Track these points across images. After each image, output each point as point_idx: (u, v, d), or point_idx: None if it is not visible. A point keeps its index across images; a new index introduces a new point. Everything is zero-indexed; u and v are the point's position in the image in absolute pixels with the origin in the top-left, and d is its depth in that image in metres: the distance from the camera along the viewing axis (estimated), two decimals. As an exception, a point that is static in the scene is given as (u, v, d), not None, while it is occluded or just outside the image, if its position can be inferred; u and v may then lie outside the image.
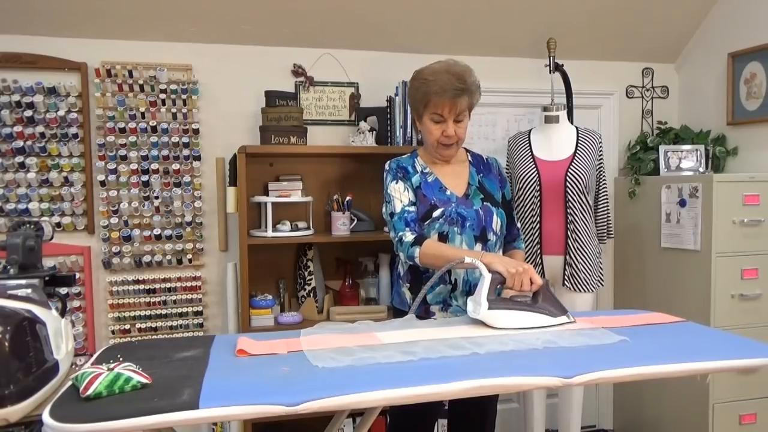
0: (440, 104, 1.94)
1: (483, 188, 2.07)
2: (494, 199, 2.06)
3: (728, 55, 3.26)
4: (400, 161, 2.09)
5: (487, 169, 2.13)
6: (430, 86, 1.94)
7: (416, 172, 2.05)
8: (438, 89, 1.92)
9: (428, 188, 2.02)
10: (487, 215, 2.01)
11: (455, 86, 1.92)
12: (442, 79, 1.93)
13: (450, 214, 1.97)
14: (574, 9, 3.17)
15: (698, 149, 3.25)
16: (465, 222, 1.97)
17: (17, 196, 2.77)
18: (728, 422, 2.92)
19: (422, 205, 2.00)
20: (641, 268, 3.33)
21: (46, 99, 2.76)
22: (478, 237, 1.99)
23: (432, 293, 1.98)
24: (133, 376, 1.19)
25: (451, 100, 1.93)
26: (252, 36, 2.99)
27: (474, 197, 2.03)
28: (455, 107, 1.94)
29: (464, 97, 1.94)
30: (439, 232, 1.97)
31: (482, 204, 2.02)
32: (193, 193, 2.95)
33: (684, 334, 1.63)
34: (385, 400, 1.19)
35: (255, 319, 2.76)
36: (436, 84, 1.93)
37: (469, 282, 1.97)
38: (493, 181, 2.12)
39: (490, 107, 3.38)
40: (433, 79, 1.94)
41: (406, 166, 2.07)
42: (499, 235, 2.04)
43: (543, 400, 2.99)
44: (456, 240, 1.97)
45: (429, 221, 1.97)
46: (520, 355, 1.41)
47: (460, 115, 1.97)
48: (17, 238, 1.65)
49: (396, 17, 3.04)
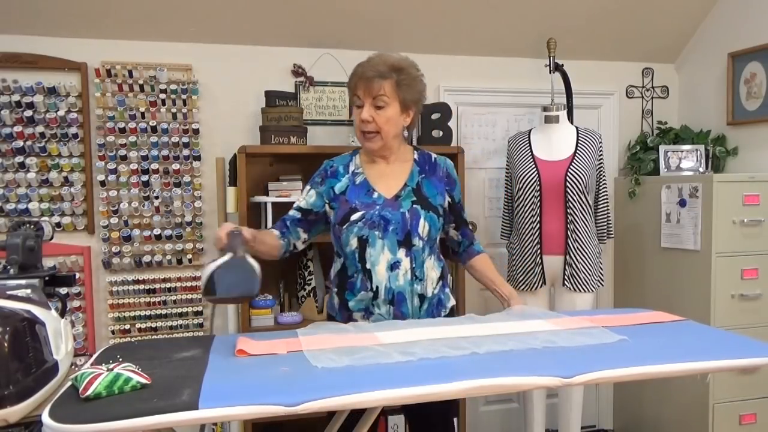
0: (357, 86, 1.87)
1: (419, 190, 1.93)
2: (428, 202, 1.92)
3: (728, 55, 3.26)
4: (334, 161, 2.00)
5: (432, 170, 1.99)
6: (355, 70, 1.89)
7: (347, 173, 1.96)
8: (360, 71, 1.87)
9: (353, 191, 1.92)
10: (414, 218, 1.87)
11: (376, 69, 1.84)
12: (369, 63, 1.88)
13: (371, 218, 1.85)
14: (574, 9, 3.17)
15: (698, 149, 3.25)
16: (388, 225, 1.84)
17: (17, 196, 2.77)
18: (728, 422, 2.92)
19: (342, 209, 1.89)
20: (641, 268, 3.33)
21: (46, 99, 2.76)
22: (402, 242, 1.85)
23: (354, 300, 1.88)
24: (132, 376, 1.19)
25: (368, 82, 1.84)
26: (252, 36, 2.99)
27: (405, 199, 1.90)
28: (371, 88, 1.84)
29: (386, 81, 1.84)
30: (359, 236, 1.85)
31: (411, 206, 1.88)
32: (193, 193, 2.95)
33: (684, 334, 1.63)
34: (385, 400, 1.19)
35: (255, 319, 2.76)
36: (360, 67, 1.88)
37: (392, 290, 1.84)
38: (435, 184, 1.97)
39: (490, 107, 3.38)
40: (362, 64, 1.89)
41: (338, 167, 1.98)
42: (426, 239, 1.88)
43: (543, 400, 2.99)
44: (377, 245, 1.84)
45: (347, 225, 1.86)
46: (520, 355, 1.40)
47: (379, 100, 1.85)
48: (17, 238, 1.65)
49: (396, 17, 3.04)
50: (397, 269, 1.84)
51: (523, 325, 1.68)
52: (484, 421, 3.44)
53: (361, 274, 1.85)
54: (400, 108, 1.89)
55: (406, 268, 1.85)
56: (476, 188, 3.37)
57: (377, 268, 1.84)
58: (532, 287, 2.89)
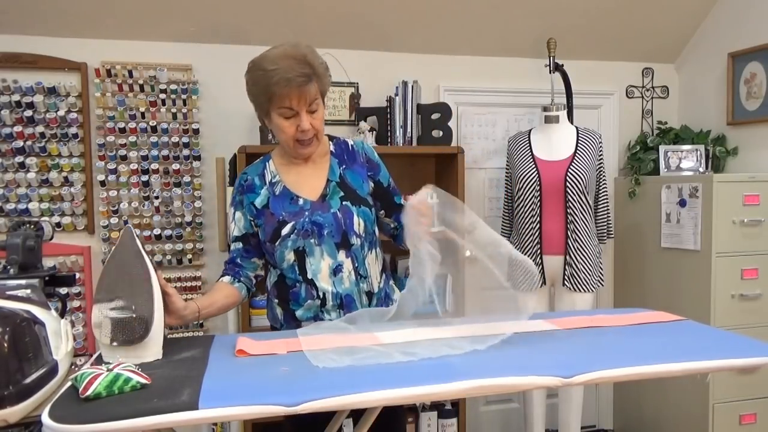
0: (287, 95, 1.66)
1: (344, 183, 1.79)
2: (356, 194, 1.79)
3: (728, 55, 3.26)
4: (248, 173, 1.83)
5: (352, 159, 1.85)
6: (271, 77, 1.65)
7: (264, 183, 1.80)
8: (280, 79, 1.64)
9: (276, 202, 1.77)
10: (347, 217, 1.74)
11: (300, 72, 1.65)
12: (284, 66, 1.64)
13: (303, 227, 1.72)
14: (574, 9, 3.17)
15: (698, 149, 3.25)
16: (322, 230, 1.72)
17: (17, 196, 2.77)
18: (728, 422, 2.92)
19: (269, 224, 1.75)
20: (641, 268, 3.33)
21: (46, 99, 2.76)
22: (340, 244, 1.73)
23: (301, 309, 1.76)
24: (132, 376, 1.19)
25: (299, 89, 1.65)
26: (252, 36, 2.99)
27: (332, 197, 1.77)
28: (305, 96, 1.67)
29: (313, 83, 1.68)
30: (294, 249, 1.72)
31: (341, 204, 1.76)
32: (193, 193, 2.95)
33: (684, 333, 1.62)
34: (385, 400, 1.19)
35: (255, 319, 2.76)
36: (277, 73, 1.64)
37: (339, 294, 1.74)
38: (357, 173, 1.83)
39: (490, 107, 3.38)
40: (274, 68, 1.65)
41: (252, 179, 1.81)
42: (364, 236, 1.77)
43: (543, 400, 2.99)
44: (315, 253, 1.72)
45: (279, 241, 1.73)
46: (520, 355, 1.40)
47: (312, 105, 1.70)
48: (17, 238, 1.65)
49: (396, 17, 3.04)
50: (340, 272, 1.74)
51: (523, 325, 1.68)
52: (484, 421, 3.44)
53: (304, 284, 1.74)
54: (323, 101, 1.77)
55: (349, 270, 1.75)
56: (476, 188, 3.37)
57: (320, 275, 1.73)
58: (532, 287, 2.88)
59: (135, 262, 1.42)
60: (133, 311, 1.38)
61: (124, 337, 1.36)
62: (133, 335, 1.37)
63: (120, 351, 1.37)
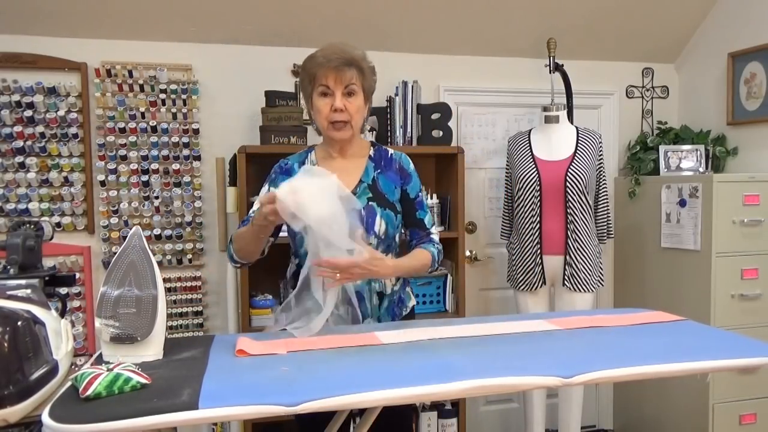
0: (325, 75, 1.79)
1: (375, 186, 1.87)
2: (385, 198, 1.86)
3: (728, 55, 3.26)
4: (288, 160, 1.96)
5: (388, 165, 1.92)
6: (316, 60, 1.82)
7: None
8: (323, 60, 1.79)
9: None
10: (369, 216, 1.80)
11: (340, 56, 1.79)
12: (328, 51, 1.81)
13: None
14: (574, 9, 3.17)
15: (698, 149, 3.25)
16: None
17: (17, 196, 2.77)
18: (728, 422, 2.92)
19: None
20: (641, 268, 3.33)
21: (46, 99, 2.76)
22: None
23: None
24: (132, 376, 1.19)
25: (336, 70, 1.78)
26: (252, 36, 2.99)
27: (360, 196, 1.83)
28: (341, 76, 1.78)
29: (352, 69, 1.80)
30: None
31: (367, 204, 1.82)
32: (193, 193, 2.95)
33: (684, 333, 1.62)
34: (385, 400, 1.19)
35: (255, 319, 2.76)
36: (321, 56, 1.81)
37: (347, 287, 1.77)
38: (390, 180, 1.90)
39: (490, 107, 3.38)
40: (320, 54, 1.82)
41: (292, 164, 1.93)
42: (383, 238, 1.82)
43: (543, 400, 2.99)
44: None
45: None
46: (520, 355, 1.40)
47: (349, 88, 1.80)
48: (17, 238, 1.65)
49: (396, 17, 3.04)
50: None
51: (523, 325, 1.68)
52: (484, 421, 3.44)
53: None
54: (364, 98, 1.86)
55: None
56: (476, 188, 3.37)
57: None
58: (532, 287, 2.89)
59: (141, 262, 1.44)
60: (137, 310, 1.39)
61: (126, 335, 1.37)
62: (135, 334, 1.38)
63: (120, 350, 1.37)
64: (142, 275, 1.42)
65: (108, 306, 1.38)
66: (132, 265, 1.43)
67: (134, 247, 1.46)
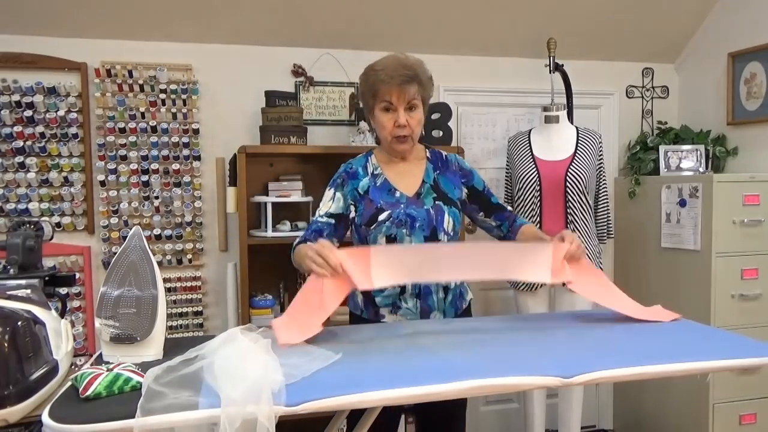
0: (388, 91, 1.86)
1: (437, 186, 1.97)
2: (448, 197, 1.96)
3: (728, 55, 3.26)
4: (352, 164, 2.01)
5: (445, 166, 2.02)
6: (378, 75, 1.88)
7: (367, 174, 1.97)
8: (385, 77, 1.86)
9: (376, 191, 1.93)
10: (439, 215, 1.90)
11: (403, 73, 1.86)
12: (390, 67, 1.88)
13: (398, 216, 1.87)
14: (574, 9, 3.17)
15: (698, 149, 3.25)
16: (414, 223, 1.87)
17: (17, 196, 2.77)
18: (728, 422, 2.92)
19: (367, 209, 1.91)
20: (641, 268, 3.33)
21: (46, 99, 2.76)
22: (428, 237, 1.88)
23: (381, 296, 1.90)
24: (132, 376, 1.19)
25: (399, 87, 1.85)
26: (252, 36, 2.99)
27: (426, 196, 1.93)
28: (404, 94, 1.86)
29: (413, 84, 1.87)
30: (387, 235, 1.87)
31: (434, 203, 1.92)
32: (193, 193, 2.95)
33: (684, 333, 1.63)
34: (385, 400, 1.19)
35: (255, 319, 2.75)
36: (383, 72, 1.87)
37: (418, 284, 1.88)
38: (450, 179, 2.00)
39: (490, 107, 3.38)
40: (381, 69, 1.89)
41: (357, 168, 1.99)
42: (451, 234, 1.92)
43: (543, 400, 2.99)
44: (405, 241, 1.87)
45: (375, 225, 1.88)
46: (520, 355, 1.41)
47: (411, 103, 1.88)
48: (17, 238, 1.65)
49: (396, 17, 3.04)
50: None
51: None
52: (484, 421, 3.44)
53: None
54: (423, 108, 1.94)
55: None
56: (476, 188, 3.37)
57: None
58: (532, 287, 2.89)
59: (141, 262, 1.45)
60: (137, 310, 1.39)
61: (126, 335, 1.38)
62: (135, 334, 1.38)
63: (120, 350, 1.38)
64: (142, 275, 1.43)
65: (108, 306, 1.38)
66: (132, 265, 1.44)
67: (134, 247, 1.47)
